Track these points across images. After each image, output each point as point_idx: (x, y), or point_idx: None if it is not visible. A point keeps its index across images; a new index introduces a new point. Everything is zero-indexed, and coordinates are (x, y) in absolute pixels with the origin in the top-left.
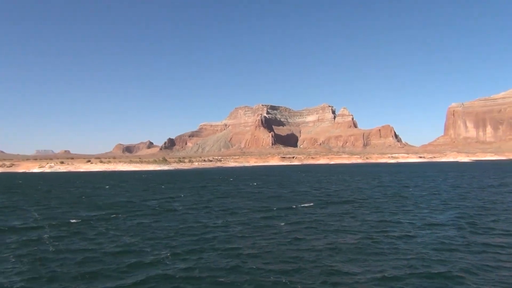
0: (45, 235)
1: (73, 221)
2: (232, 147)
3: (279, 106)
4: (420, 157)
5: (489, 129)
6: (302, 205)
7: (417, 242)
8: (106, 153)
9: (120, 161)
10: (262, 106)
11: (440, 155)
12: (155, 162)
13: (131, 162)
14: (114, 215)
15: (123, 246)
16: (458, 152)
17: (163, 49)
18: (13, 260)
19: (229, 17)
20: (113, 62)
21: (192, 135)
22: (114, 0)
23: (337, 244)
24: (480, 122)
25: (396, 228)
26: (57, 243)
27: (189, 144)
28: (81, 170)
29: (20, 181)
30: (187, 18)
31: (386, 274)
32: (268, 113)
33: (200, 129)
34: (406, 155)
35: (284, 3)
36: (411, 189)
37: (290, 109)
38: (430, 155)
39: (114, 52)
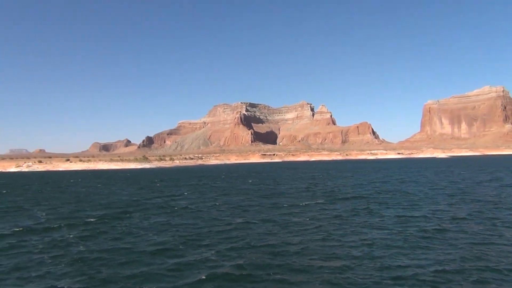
0: (69, 235)
1: (89, 220)
2: (211, 145)
3: (258, 104)
4: (398, 153)
5: (463, 125)
6: (313, 202)
7: (453, 235)
8: (83, 151)
9: (100, 160)
10: (241, 104)
11: (417, 151)
12: (136, 160)
13: (111, 160)
14: (127, 214)
15: (157, 245)
16: (434, 148)
17: (140, 47)
18: (51, 261)
19: (207, 14)
20: (89, 60)
21: (170, 133)
22: None
23: (373, 240)
24: (455, 118)
25: (423, 223)
26: (87, 243)
27: (167, 142)
28: (60, 169)
29: (2, 181)
30: (165, 15)
31: (445, 267)
32: (247, 110)
33: (179, 127)
34: (384, 151)
35: (263, 1)
36: (409, 184)
37: (269, 107)
38: (408, 151)
39: (89, 50)
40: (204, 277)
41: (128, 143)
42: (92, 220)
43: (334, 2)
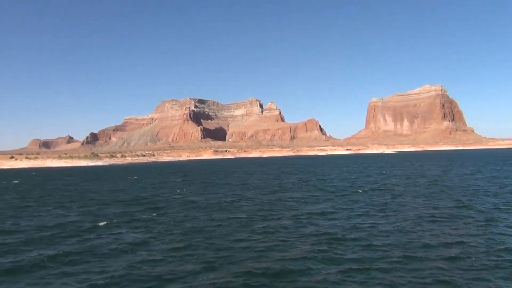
0: (146, 236)
1: (138, 217)
2: (159, 141)
3: (207, 100)
4: (347, 149)
5: (405, 122)
6: (356, 192)
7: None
8: (21, 148)
9: (48, 157)
10: (189, 100)
11: (364, 147)
12: (86, 157)
13: (60, 158)
14: (162, 212)
15: (250, 241)
16: (379, 144)
17: (85, 40)
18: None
19: (156, 9)
20: (27, 53)
21: (116, 129)
22: None
23: (462, 230)
24: (398, 116)
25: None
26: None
27: (113, 138)
28: (5, 167)
29: None
30: (113, 9)
31: None
32: (196, 106)
33: (125, 123)
34: (334, 147)
35: None
36: (397, 178)
37: (218, 103)
38: (356, 147)
39: (29, 41)
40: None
41: (70, 139)
42: (145, 217)
43: (281, 1)
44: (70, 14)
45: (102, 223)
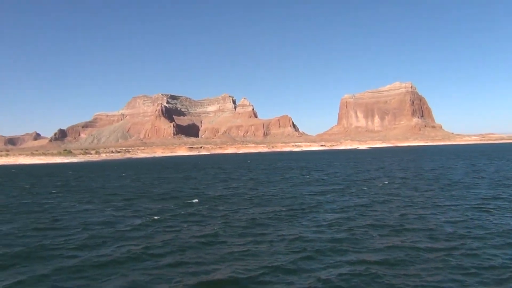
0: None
1: (183, 212)
2: (130, 138)
3: (179, 96)
4: (321, 145)
5: (376, 119)
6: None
7: None
8: None
9: (20, 154)
10: (162, 96)
11: (337, 143)
12: (60, 154)
13: (33, 154)
14: (204, 205)
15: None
16: (351, 140)
17: (53, 32)
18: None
19: (129, 2)
20: None
21: (86, 125)
22: None
23: None
24: (369, 112)
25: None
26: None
27: (82, 135)
28: None
29: None
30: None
31: None
32: (168, 102)
33: (95, 119)
34: (308, 144)
35: None
36: (401, 172)
37: (190, 99)
38: (330, 143)
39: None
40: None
41: (37, 136)
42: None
43: None
44: (37, 4)
45: (155, 217)
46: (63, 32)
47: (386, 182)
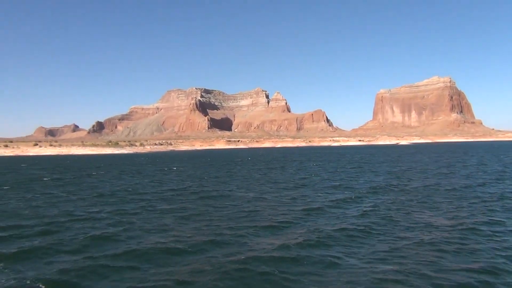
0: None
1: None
2: (165, 131)
3: (213, 90)
4: (360, 140)
5: (413, 114)
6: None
7: None
8: (27, 136)
9: (73, 145)
10: (195, 90)
11: (373, 139)
12: (108, 145)
13: (84, 145)
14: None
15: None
16: (388, 135)
17: (91, 29)
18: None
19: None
20: (35, 43)
21: (122, 118)
22: None
23: None
24: (405, 107)
25: None
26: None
27: (119, 127)
28: (31, 154)
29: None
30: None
31: None
32: (202, 96)
33: (131, 112)
34: (346, 138)
35: None
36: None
37: (224, 93)
38: (367, 138)
39: (34, 29)
40: None
41: (75, 128)
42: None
43: None
44: (78, 5)
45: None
46: (101, 28)
47: None
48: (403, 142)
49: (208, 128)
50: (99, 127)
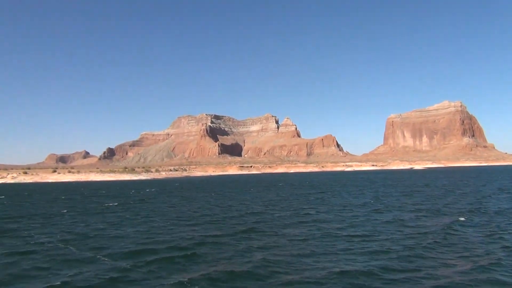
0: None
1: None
2: (175, 157)
3: (223, 116)
4: (373, 165)
5: (425, 138)
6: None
7: None
8: (38, 163)
9: (91, 171)
10: (206, 116)
11: (386, 164)
12: (125, 171)
13: (102, 172)
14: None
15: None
16: (400, 160)
17: (101, 53)
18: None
19: (169, 23)
20: (45, 67)
21: (133, 144)
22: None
23: None
24: (416, 132)
25: None
26: None
27: (130, 154)
28: (50, 180)
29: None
30: (127, 22)
31: None
32: (212, 122)
33: (141, 138)
34: (359, 163)
35: (229, 10)
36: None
37: (233, 119)
38: (380, 164)
39: (44, 51)
40: None
41: (86, 154)
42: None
43: (301, 15)
44: (89, 27)
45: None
46: (111, 55)
47: None
48: (417, 166)
49: (219, 153)
50: (110, 153)
